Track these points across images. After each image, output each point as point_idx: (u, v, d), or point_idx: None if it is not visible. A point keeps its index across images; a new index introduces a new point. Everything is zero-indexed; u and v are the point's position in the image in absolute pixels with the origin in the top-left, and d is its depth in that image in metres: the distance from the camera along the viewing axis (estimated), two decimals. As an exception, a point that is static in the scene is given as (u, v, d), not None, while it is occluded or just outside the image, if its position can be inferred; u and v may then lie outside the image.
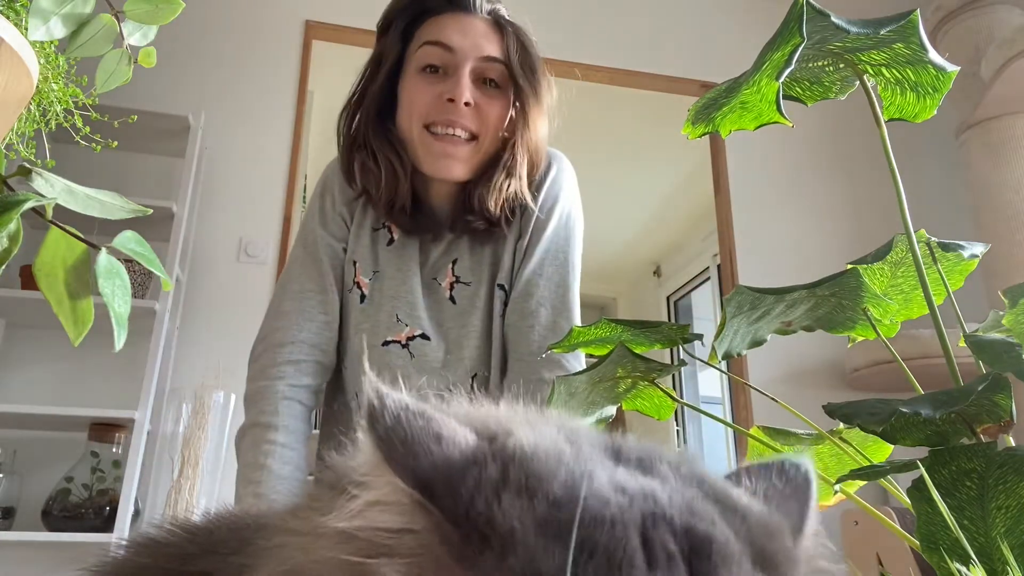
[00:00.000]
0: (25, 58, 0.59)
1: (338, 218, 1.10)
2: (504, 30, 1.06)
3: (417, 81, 1.03)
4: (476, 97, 1.02)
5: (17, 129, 0.81)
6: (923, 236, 0.78)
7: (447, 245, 1.11)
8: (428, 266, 1.10)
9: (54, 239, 0.61)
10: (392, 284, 1.08)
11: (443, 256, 1.11)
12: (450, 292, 1.09)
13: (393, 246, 1.10)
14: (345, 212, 1.10)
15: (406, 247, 1.10)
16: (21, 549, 2.10)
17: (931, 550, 0.49)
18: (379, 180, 1.04)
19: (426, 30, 1.05)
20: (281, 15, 2.88)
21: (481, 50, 1.03)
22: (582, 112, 4.04)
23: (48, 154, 0.89)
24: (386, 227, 1.10)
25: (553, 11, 3.17)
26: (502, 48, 1.04)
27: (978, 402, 0.53)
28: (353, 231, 1.10)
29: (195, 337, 2.43)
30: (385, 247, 1.10)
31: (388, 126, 1.07)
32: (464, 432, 0.27)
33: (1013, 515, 0.49)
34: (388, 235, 1.10)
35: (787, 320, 0.77)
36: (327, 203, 1.11)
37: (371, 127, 1.06)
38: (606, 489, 0.25)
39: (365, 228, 1.10)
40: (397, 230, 1.10)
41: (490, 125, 1.03)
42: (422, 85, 1.02)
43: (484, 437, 0.27)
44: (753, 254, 2.97)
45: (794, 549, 0.27)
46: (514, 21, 1.09)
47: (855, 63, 0.73)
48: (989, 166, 2.62)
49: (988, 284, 2.42)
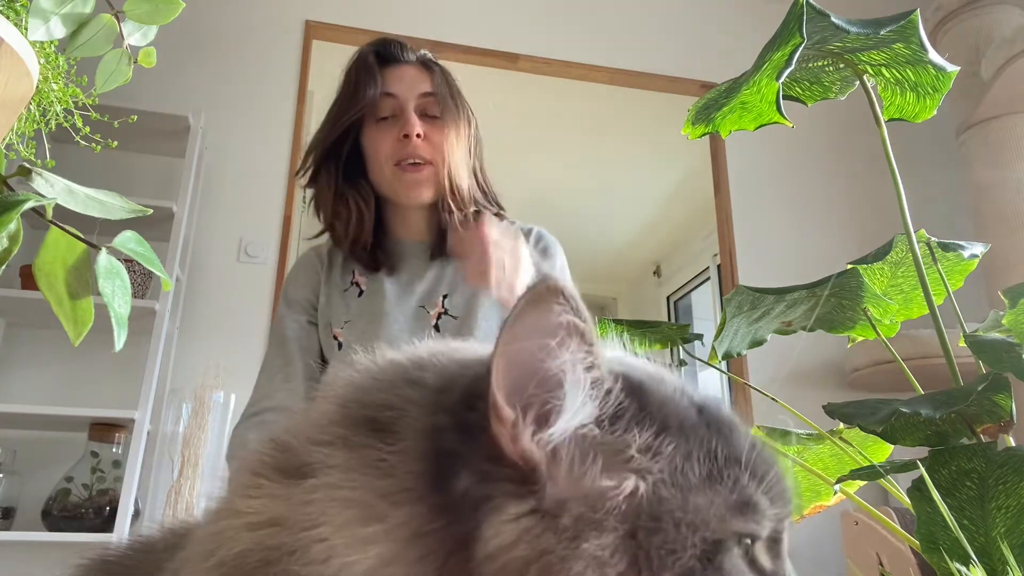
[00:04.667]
0: (25, 58, 0.59)
1: (303, 300, 1.23)
2: (431, 69, 1.24)
3: (377, 131, 1.20)
4: (424, 129, 1.18)
5: (17, 129, 0.81)
6: (923, 236, 0.78)
7: (436, 276, 1.21)
8: (417, 295, 1.19)
9: (54, 239, 0.61)
10: (368, 327, 1.16)
11: (434, 287, 1.20)
12: (436, 321, 1.17)
13: (364, 296, 1.20)
14: (309, 294, 1.23)
15: (378, 293, 1.20)
16: (21, 549, 2.10)
17: (931, 550, 0.49)
18: (348, 221, 1.20)
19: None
20: (281, 15, 2.88)
21: (418, 88, 1.21)
22: (583, 112, 4.05)
23: (48, 154, 0.89)
24: (354, 284, 1.22)
25: (553, 12, 3.17)
26: (433, 84, 1.22)
27: (978, 402, 0.53)
28: (322, 304, 1.22)
29: (195, 337, 2.43)
30: (356, 299, 1.20)
31: (355, 176, 1.23)
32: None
33: (1013, 515, 0.49)
34: (357, 289, 1.22)
35: (787, 320, 0.77)
36: (291, 290, 1.25)
37: (341, 176, 1.22)
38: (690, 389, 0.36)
39: (334, 292, 1.22)
40: (365, 282, 1.22)
41: (442, 150, 1.19)
42: (382, 133, 1.20)
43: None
44: (753, 254, 2.97)
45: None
46: (437, 61, 1.27)
47: (855, 63, 0.73)
48: (989, 166, 2.62)
49: (988, 284, 2.42)
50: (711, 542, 0.30)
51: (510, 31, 3.06)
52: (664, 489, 0.30)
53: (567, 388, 0.30)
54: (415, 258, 1.23)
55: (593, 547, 0.29)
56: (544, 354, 0.30)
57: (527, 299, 0.30)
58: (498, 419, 0.30)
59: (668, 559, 0.29)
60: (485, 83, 3.09)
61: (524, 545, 0.28)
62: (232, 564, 0.30)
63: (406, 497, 0.30)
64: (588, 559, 0.28)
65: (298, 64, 2.82)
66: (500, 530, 0.29)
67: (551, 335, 0.30)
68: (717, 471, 0.32)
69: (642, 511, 0.30)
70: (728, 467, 0.32)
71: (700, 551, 0.30)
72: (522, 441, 0.30)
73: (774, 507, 0.33)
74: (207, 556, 0.31)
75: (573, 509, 0.29)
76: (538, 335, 0.30)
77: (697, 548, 0.30)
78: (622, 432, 0.31)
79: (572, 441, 0.30)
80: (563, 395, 0.30)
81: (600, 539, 0.29)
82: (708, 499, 0.31)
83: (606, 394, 0.31)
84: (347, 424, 0.33)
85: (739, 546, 0.31)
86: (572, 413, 0.30)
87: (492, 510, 0.29)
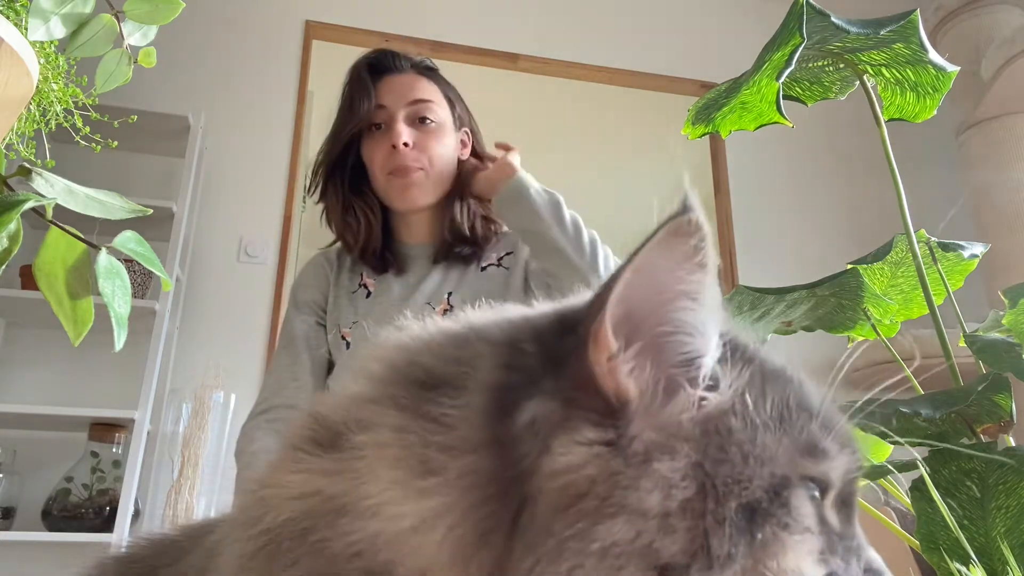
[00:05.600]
0: (25, 58, 0.59)
1: (311, 302, 1.26)
2: (425, 74, 1.27)
3: (370, 142, 1.23)
4: (413, 137, 1.20)
5: (17, 129, 0.81)
6: (923, 236, 0.78)
7: (441, 277, 1.23)
8: (423, 294, 1.21)
9: (54, 239, 0.61)
10: (375, 326, 1.14)
11: (440, 286, 1.22)
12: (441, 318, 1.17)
13: (371, 298, 1.23)
14: (318, 296, 1.26)
15: (386, 294, 1.22)
16: (21, 549, 2.10)
17: (931, 550, 0.49)
18: (357, 231, 1.23)
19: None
20: (281, 15, 2.88)
21: (408, 96, 1.22)
22: (583, 112, 4.05)
23: (48, 154, 0.89)
24: (362, 286, 1.24)
25: (553, 12, 3.17)
26: (430, 89, 1.25)
27: (978, 402, 0.53)
28: (330, 306, 1.24)
29: (195, 337, 2.43)
30: (364, 300, 1.23)
31: (362, 187, 1.26)
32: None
33: (1013, 515, 0.49)
34: (365, 291, 1.24)
35: (787, 320, 0.77)
36: (299, 292, 1.28)
37: (347, 189, 1.26)
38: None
39: (342, 295, 1.24)
40: (374, 284, 1.24)
41: (432, 155, 1.21)
42: (374, 143, 1.23)
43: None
44: (753, 254, 2.97)
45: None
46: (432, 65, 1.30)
47: (855, 63, 0.73)
48: (989, 166, 2.62)
49: (988, 284, 2.41)
50: (779, 477, 0.31)
51: (510, 31, 3.06)
52: (736, 421, 0.31)
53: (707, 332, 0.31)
54: (420, 260, 1.26)
55: (664, 468, 0.29)
56: (678, 290, 0.30)
57: (668, 228, 0.29)
58: (597, 346, 0.29)
59: (735, 488, 0.29)
60: (485, 83, 3.09)
61: (592, 466, 0.28)
62: (276, 531, 0.30)
63: (469, 446, 0.29)
64: (657, 479, 0.29)
65: (298, 64, 2.82)
66: (571, 449, 0.29)
67: (691, 272, 0.30)
68: (788, 414, 0.32)
69: (712, 441, 0.30)
70: (799, 413, 0.33)
71: (768, 484, 0.30)
72: (619, 374, 0.30)
73: (843, 454, 0.33)
74: (253, 523, 0.31)
75: (647, 436, 0.30)
76: (674, 268, 0.29)
77: (764, 481, 0.30)
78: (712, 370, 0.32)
79: (665, 378, 0.31)
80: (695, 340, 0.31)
81: (671, 462, 0.29)
82: (777, 438, 0.31)
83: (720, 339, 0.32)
84: (398, 383, 0.32)
85: (807, 490, 0.32)
86: (711, 357, 0.31)
87: (566, 430, 0.29)
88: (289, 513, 0.30)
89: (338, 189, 1.25)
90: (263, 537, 0.30)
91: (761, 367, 0.34)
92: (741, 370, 0.33)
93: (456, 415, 0.30)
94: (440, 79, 1.29)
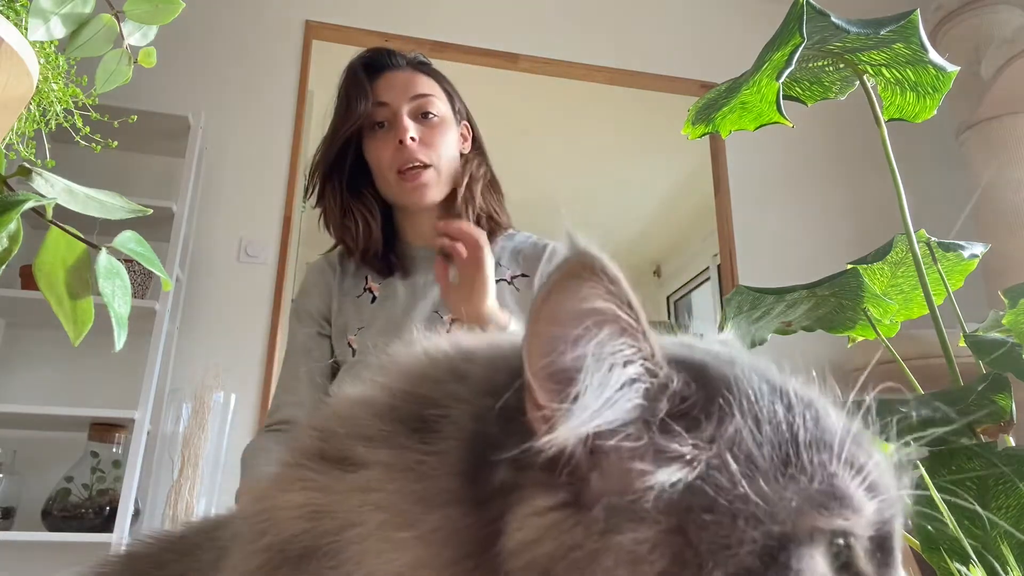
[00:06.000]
0: (25, 58, 0.59)
1: (313, 312, 1.24)
2: (422, 70, 1.25)
3: (374, 140, 1.21)
4: (418, 132, 1.19)
5: (17, 129, 0.81)
6: (923, 236, 0.78)
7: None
8: (431, 301, 1.19)
9: (54, 239, 0.61)
10: (380, 332, 1.16)
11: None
12: (450, 327, 1.18)
13: (377, 303, 1.21)
14: (320, 304, 1.24)
15: (392, 299, 1.20)
16: (21, 549, 2.10)
17: (931, 550, 0.49)
18: (356, 234, 1.21)
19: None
20: (281, 15, 2.88)
21: (409, 91, 1.21)
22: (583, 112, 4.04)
23: (48, 154, 0.89)
24: (367, 290, 1.22)
25: (553, 12, 3.17)
26: (429, 84, 1.24)
27: (978, 402, 0.53)
28: (335, 312, 1.22)
29: (195, 337, 2.43)
30: (369, 305, 1.21)
31: (360, 188, 1.24)
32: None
33: (1013, 515, 0.49)
34: (370, 296, 1.22)
35: (787, 320, 0.76)
36: (301, 302, 1.26)
37: (346, 190, 1.23)
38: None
39: (346, 300, 1.22)
40: (379, 288, 1.22)
41: (438, 150, 1.20)
42: (381, 142, 1.20)
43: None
44: (753, 254, 2.97)
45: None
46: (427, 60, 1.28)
47: (855, 63, 0.73)
48: (989, 166, 2.62)
49: (988, 284, 2.41)
50: (776, 536, 0.26)
51: (510, 31, 3.06)
52: (721, 476, 0.27)
53: (586, 386, 0.26)
54: (427, 262, 1.23)
55: (627, 540, 0.25)
56: (567, 343, 0.27)
57: (558, 274, 0.27)
58: (531, 401, 0.27)
59: (720, 555, 0.25)
60: (485, 83, 3.09)
61: (550, 541, 0.26)
62: (278, 549, 0.30)
63: (442, 500, 0.28)
64: (620, 554, 0.25)
65: (298, 64, 2.82)
66: (524, 524, 0.26)
67: (576, 322, 0.27)
68: (795, 457, 0.28)
69: (691, 502, 0.26)
70: (812, 453, 0.28)
71: (761, 547, 0.26)
72: (556, 428, 0.26)
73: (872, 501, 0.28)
74: (258, 536, 0.31)
75: (605, 500, 0.26)
76: (563, 319, 0.27)
77: (757, 544, 0.26)
78: (674, 422, 0.28)
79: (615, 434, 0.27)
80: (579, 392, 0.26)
81: (636, 532, 0.26)
82: (778, 489, 0.27)
83: (654, 389, 0.28)
84: (391, 419, 0.31)
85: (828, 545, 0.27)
86: (589, 414, 0.27)
87: (519, 501, 0.27)
88: (291, 531, 0.30)
89: (336, 191, 1.23)
90: (264, 555, 0.30)
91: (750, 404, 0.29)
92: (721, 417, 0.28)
93: (432, 463, 0.29)
94: (436, 73, 1.28)
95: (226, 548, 0.34)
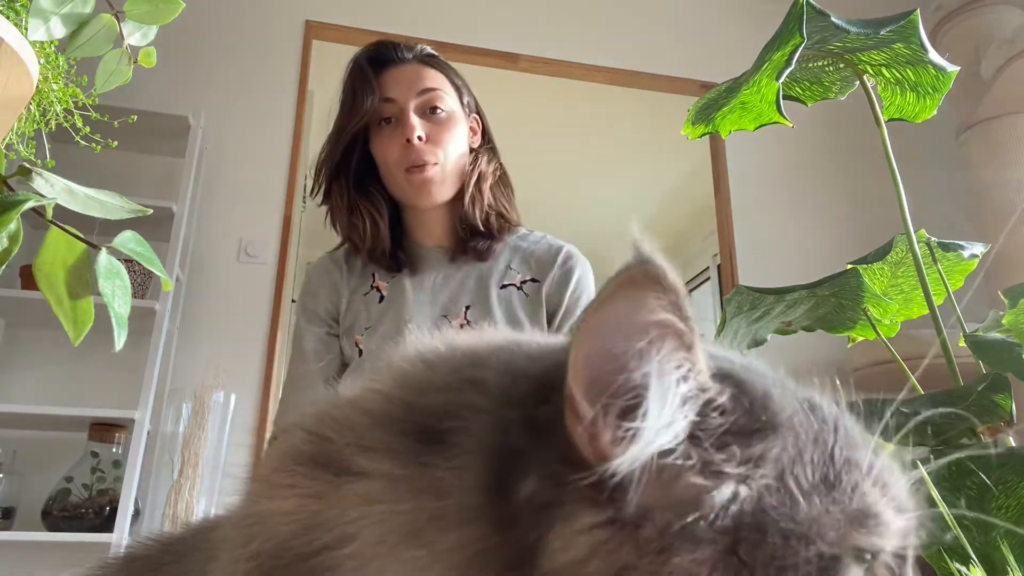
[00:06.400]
0: (25, 58, 0.59)
1: (320, 312, 1.22)
2: (430, 63, 1.22)
3: (381, 137, 1.18)
4: (426, 130, 1.16)
5: (17, 129, 0.81)
6: (923, 236, 0.78)
7: (458, 284, 1.19)
8: (439, 304, 1.18)
9: (54, 239, 0.61)
10: (388, 332, 1.15)
11: (456, 296, 1.19)
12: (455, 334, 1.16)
13: (384, 303, 1.19)
14: (327, 304, 1.22)
15: (399, 299, 1.18)
16: (21, 549, 2.10)
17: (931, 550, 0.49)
18: (363, 233, 1.19)
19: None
20: (281, 15, 2.88)
21: (416, 86, 1.18)
22: (583, 112, 4.04)
23: (48, 154, 0.89)
24: (374, 288, 1.20)
25: (553, 12, 3.17)
26: (436, 77, 1.20)
27: (978, 402, 0.53)
28: (342, 310, 1.21)
29: (195, 337, 2.43)
30: (377, 304, 1.19)
31: (367, 185, 1.22)
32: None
33: (1013, 515, 0.49)
34: (378, 295, 1.20)
35: (787, 320, 0.76)
36: (307, 302, 1.24)
37: (353, 188, 1.21)
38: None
39: (354, 298, 1.20)
40: (386, 287, 1.20)
41: (446, 147, 1.17)
42: (385, 139, 1.18)
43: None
44: (753, 254, 2.97)
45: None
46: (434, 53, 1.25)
47: (855, 63, 0.73)
48: (989, 166, 2.62)
49: (988, 284, 2.41)
50: (828, 557, 0.26)
51: (510, 31, 3.06)
52: (771, 496, 0.26)
53: (650, 404, 0.25)
54: (435, 261, 1.21)
55: (686, 562, 0.25)
56: (629, 357, 0.25)
57: (619, 283, 0.25)
58: (575, 415, 0.26)
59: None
60: (485, 83, 3.08)
61: (598, 560, 0.25)
62: (268, 555, 0.29)
63: (462, 517, 0.26)
64: (679, 574, 0.25)
65: (298, 64, 2.82)
66: (570, 542, 0.25)
67: (641, 334, 0.25)
68: (835, 476, 0.28)
69: (744, 521, 0.26)
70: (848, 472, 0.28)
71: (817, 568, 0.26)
72: (602, 441, 0.25)
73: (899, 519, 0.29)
74: (246, 541, 0.30)
75: (659, 518, 0.25)
76: (626, 331, 0.25)
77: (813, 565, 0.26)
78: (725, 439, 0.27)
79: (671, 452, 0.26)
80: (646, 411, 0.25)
81: (694, 553, 0.25)
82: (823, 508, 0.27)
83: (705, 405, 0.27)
84: (395, 430, 0.30)
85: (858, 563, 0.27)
86: (654, 432, 0.26)
87: (562, 518, 0.25)
88: (280, 539, 0.29)
89: (343, 189, 1.20)
90: (252, 561, 0.29)
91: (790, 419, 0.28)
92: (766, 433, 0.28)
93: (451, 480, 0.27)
94: (444, 66, 1.24)
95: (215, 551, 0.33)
